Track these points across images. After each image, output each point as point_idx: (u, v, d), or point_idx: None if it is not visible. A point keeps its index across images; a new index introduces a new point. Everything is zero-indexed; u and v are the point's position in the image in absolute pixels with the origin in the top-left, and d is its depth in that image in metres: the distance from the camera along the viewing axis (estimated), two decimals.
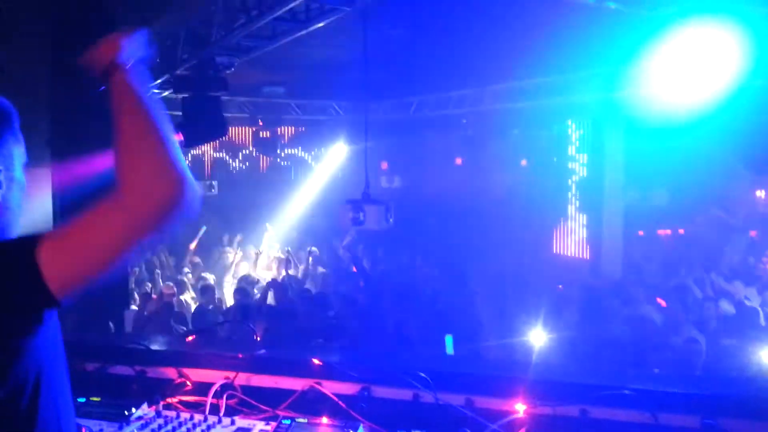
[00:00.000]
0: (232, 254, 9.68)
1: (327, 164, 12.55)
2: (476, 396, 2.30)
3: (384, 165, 12.80)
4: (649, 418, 2.17)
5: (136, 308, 7.02)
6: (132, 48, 1.42)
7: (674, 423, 2.16)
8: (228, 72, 5.77)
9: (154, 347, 2.77)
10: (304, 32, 5.09)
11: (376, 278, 8.27)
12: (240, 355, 2.60)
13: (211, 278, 8.54)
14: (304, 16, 4.91)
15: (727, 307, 6.32)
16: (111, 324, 5.15)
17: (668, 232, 11.28)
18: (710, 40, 4.67)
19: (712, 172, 9.17)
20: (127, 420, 2.29)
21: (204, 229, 9.61)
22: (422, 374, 2.35)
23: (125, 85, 1.36)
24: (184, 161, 1.29)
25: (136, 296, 7.54)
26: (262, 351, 2.63)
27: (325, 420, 2.30)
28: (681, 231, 11.14)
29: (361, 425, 2.25)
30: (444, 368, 2.49)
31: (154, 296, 7.45)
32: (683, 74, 5.25)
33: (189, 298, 7.84)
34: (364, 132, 6.78)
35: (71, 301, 1.31)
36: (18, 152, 1.45)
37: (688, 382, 2.50)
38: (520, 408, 2.25)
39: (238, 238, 10.44)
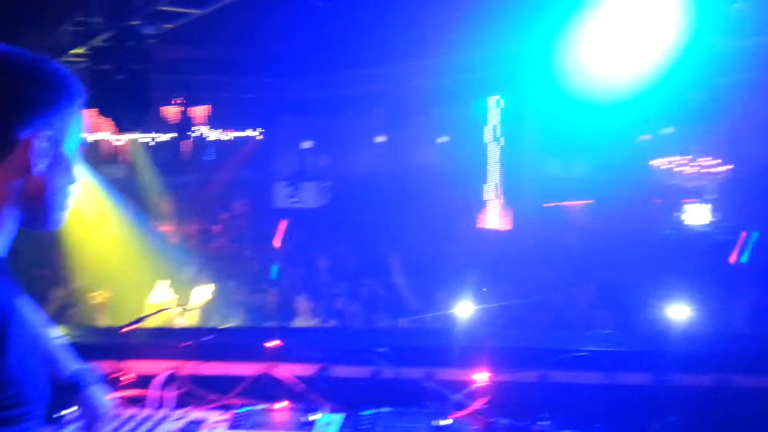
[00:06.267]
0: None
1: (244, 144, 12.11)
2: (437, 368, 2.27)
3: (307, 144, 12.54)
4: (605, 378, 2.23)
5: None
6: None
7: (628, 381, 2.23)
8: (150, 42, 5.36)
9: (87, 339, 2.55)
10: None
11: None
12: (185, 343, 2.44)
13: None
14: None
15: None
16: None
17: (580, 203, 11.77)
18: (642, 9, 4.82)
19: (628, 146, 9.64)
20: (59, 423, 2.07)
21: None
22: (381, 350, 2.30)
23: None
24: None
25: None
26: (210, 337, 2.48)
27: (283, 404, 2.20)
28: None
29: (321, 407, 2.17)
30: (403, 342, 2.45)
31: None
32: (612, 44, 5.40)
33: None
34: (287, 110, 6.57)
35: None
36: (75, 129, 1.28)
37: (637, 340, 2.59)
38: (481, 377, 2.25)
39: None
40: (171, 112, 10.94)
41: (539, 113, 9.25)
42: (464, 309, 5.73)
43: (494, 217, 10.59)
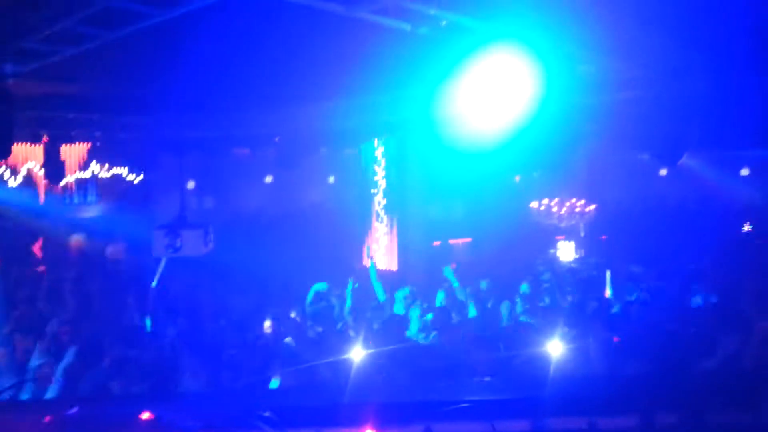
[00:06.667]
0: None
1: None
2: (324, 428, 2.21)
3: (191, 184, 12.10)
4: (487, 427, 2.28)
5: None
6: None
7: (509, 429, 2.29)
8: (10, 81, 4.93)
9: None
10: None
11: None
12: (44, 418, 2.21)
13: None
14: (111, 19, 4.38)
15: None
16: None
17: (460, 241, 12.27)
18: (506, 70, 5.26)
19: (504, 189, 10.25)
20: None
21: None
22: (266, 413, 2.21)
23: None
24: None
25: None
26: (73, 410, 2.26)
27: None
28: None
29: None
30: (290, 402, 2.37)
31: None
32: (482, 99, 5.82)
33: None
34: (169, 149, 6.30)
35: None
36: None
37: (515, 386, 2.68)
38: None
39: None
40: (37, 152, 10.18)
41: (422, 158, 9.64)
42: (356, 354, 5.68)
43: (382, 257, 10.73)
